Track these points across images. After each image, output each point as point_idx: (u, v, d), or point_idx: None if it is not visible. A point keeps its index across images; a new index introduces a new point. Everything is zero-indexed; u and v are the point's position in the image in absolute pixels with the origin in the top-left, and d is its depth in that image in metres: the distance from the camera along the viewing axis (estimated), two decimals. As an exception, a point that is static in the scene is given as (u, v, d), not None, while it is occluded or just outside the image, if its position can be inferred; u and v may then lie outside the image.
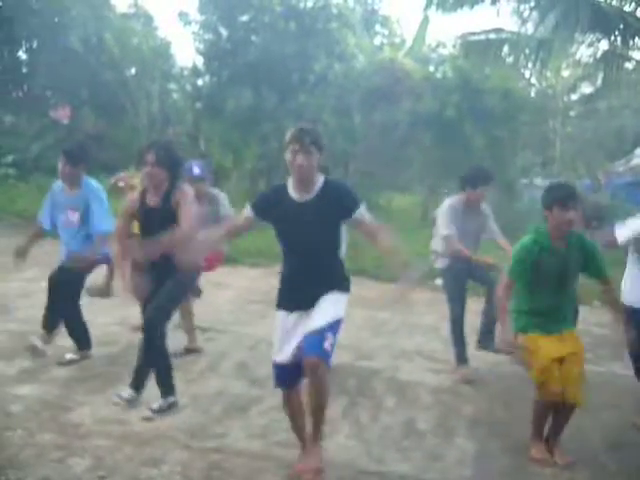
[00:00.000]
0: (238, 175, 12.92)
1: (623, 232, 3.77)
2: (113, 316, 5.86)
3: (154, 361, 3.86)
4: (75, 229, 4.51)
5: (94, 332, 5.30)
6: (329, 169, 3.85)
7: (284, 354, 3.08)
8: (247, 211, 3.20)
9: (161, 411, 3.76)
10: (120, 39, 14.04)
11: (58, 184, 4.63)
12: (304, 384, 3.11)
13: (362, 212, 3.05)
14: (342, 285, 3.15)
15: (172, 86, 15.92)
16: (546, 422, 3.47)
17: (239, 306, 6.56)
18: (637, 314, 3.72)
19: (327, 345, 2.95)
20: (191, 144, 14.67)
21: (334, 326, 3.01)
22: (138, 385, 3.93)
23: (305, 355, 2.97)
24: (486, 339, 4.84)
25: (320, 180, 3.10)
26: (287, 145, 3.01)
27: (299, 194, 3.06)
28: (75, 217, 4.48)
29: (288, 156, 3.00)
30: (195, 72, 14.83)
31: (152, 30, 16.09)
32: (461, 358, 4.72)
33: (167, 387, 3.86)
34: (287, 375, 3.12)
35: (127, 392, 3.91)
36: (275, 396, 4.14)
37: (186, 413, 3.84)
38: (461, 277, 4.72)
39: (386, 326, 6.06)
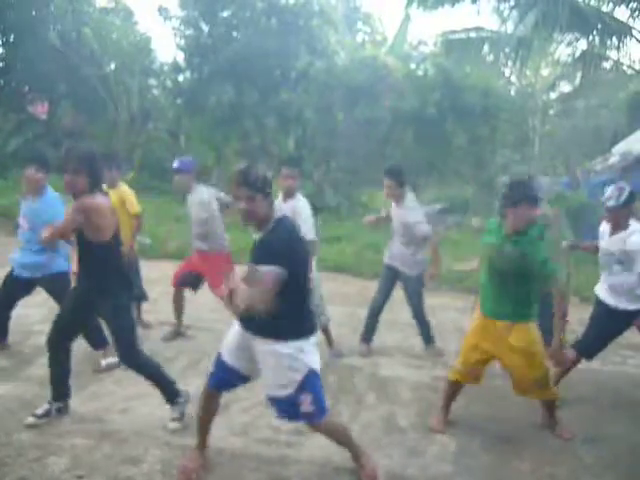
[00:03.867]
0: (219, 172, 12.83)
1: None
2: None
3: (153, 375, 3.73)
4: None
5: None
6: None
7: (232, 358, 3.03)
8: None
9: (182, 415, 3.65)
10: (99, 34, 13.86)
11: None
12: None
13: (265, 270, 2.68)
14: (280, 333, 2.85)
15: (152, 82, 15.75)
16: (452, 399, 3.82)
17: (221, 304, 6.52)
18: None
19: (305, 408, 2.87)
20: (172, 141, 14.58)
21: (304, 385, 2.85)
22: (171, 398, 3.72)
23: (293, 421, 3.03)
24: None
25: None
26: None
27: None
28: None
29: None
30: (176, 68, 14.70)
31: (132, 25, 15.90)
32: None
33: (170, 393, 3.73)
34: (224, 375, 3.06)
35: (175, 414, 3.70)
36: (256, 394, 4.14)
37: (166, 410, 3.81)
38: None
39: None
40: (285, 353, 2.83)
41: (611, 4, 10.14)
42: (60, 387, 3.66)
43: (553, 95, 17.93)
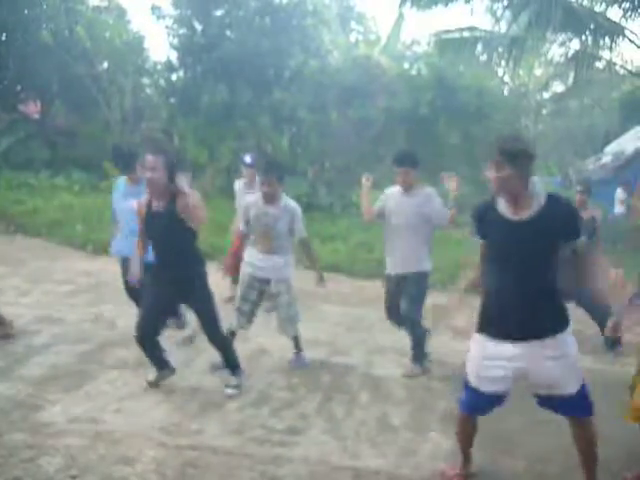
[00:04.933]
0: (213, 171, 12.81)
1: None
2: (86, 313, 5.79)
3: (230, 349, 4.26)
4: None
5: (67, 329, 5.25)
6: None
7: (492, 385, 2.90)
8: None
9: (239, 385, 4.17)
10: (92, 32, 13.78)
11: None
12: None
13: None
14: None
15: (145, 81, 15.69)
16: None
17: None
18: None
19: (588, 397, 2.88)
20: (165, 140, 14.53)
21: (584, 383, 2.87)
22: (236, 365, 4.24)
23: (572, 415, 2.91)
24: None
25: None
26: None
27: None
28: None
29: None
30: (169, 67, 14.65)
31: (125, 24, 15.83)
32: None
33: (236, 362, 4.24)
34: (484, 403, 3.02)
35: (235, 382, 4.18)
36: (251, 392, 4.16)
37: (161, 410, 3.81)
38: None
39: (362, 322, 6.08)
40: (571, 341, 2.81)
41: (604, 4, 10.20)
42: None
43: (546, 95, 18.01)
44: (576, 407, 2.87)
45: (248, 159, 6.20)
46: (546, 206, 2.69)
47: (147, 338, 3.96)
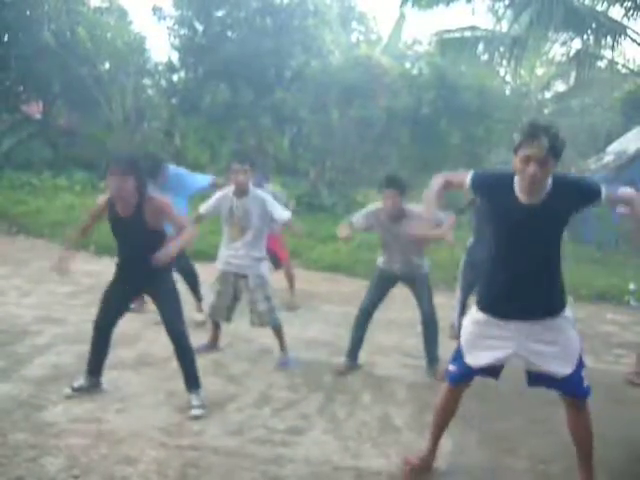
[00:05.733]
0: (214, 171, 12.81)
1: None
2: (87, 313, 5.79)
3: (191, 359, 3.92)
4: None
5: (68, 330, 5.26)
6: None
7: (485, 359, 2.97)
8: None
9: (203, 403, 3.84)
10: (93, 33, 13.80)
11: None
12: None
13: None
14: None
15: (147, 81, 15.70)
16: None
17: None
18: None
19: (585, 378, 2.92)
20: (167, 140, 14.54)
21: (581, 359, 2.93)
22: (196, 384, 3.91)
23: (570, 397, 2.93)
24: None
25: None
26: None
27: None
28: None
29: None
30: (170, 67, 14.67)
31: (126, 24, 15.85)
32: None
33: (197, 380, 3.94)
34: (475, 375, 3.09)
35: (197, 400, 3.85)
36: (252, 393, 4.16)
37: (162, 411, 3.81)
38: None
39: (363, 322, 6.07)
40: (571, 318, 2.91)
41: (605, 3, 10.19)
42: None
43: (548, 94, 17.97)
44: (569, 387, 2.91)
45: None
46: (553, 188, 2.76)
47: (104, 328, 3.99)
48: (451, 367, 3.11)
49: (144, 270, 3.74)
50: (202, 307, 5.52)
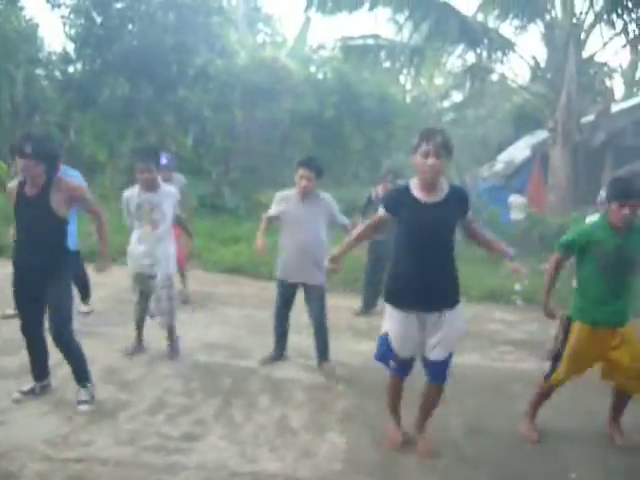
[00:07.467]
0: (114, 169, 12.32)
1: None
2: None
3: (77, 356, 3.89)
4: None
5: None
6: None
7: (406, 351, 3.36)
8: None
9: (92, 398, 3.85)
10: (-21, 18, 12.90)
11: None
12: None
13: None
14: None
15: (40, 72, 14.83)
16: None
17: (111, 306, 6.25)
18: None
19: (448, 372, 3.40)
20: (61, 134, 13.81)
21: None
22: (85, 378, 3.91)
23: (431, 382, 3.45)
24: None
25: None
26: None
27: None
28: None
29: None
30: (65, 58, 13.93)
31: (17, 10, 14.89)
32: None
33: (86, 374, 3.93)
34: (407, 366, 3.45)
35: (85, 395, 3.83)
36: (145, 399, 4.02)
37: (48, 422, 3.61)
38: None
39: (264, 325, 6.03)
40: (461, 313, 3.38)
41: (498, 21, 10.82)
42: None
43: (446, 104, 18.78)
44: (441, 372, 3.39)
45: (163, 160, 5.93)
46: (450, 192, 3.22)
47: (31, 332, 3.87)
48: (390, 362, 3.47)
49: (38, 258, 3.72)
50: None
